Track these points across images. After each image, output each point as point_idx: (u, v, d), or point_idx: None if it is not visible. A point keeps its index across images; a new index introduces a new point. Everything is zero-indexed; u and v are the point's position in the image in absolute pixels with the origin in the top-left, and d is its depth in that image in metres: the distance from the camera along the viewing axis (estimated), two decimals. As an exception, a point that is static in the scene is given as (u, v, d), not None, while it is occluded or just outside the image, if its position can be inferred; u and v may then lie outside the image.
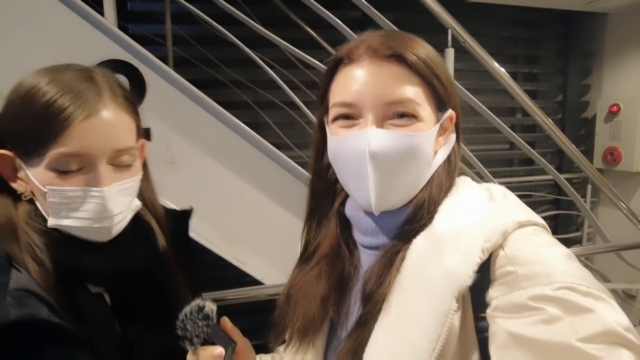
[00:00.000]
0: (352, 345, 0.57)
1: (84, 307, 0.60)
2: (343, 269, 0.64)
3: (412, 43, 0.57)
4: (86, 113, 0.55)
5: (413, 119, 0.55)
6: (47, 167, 0.56)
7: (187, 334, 0.55)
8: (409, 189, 0.58)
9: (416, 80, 0.55)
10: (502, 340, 0.48)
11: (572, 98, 3.07)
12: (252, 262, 1.27)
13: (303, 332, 0.64)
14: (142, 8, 2.26)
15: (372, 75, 0.55)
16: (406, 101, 0.54)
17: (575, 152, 1.77)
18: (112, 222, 0.60)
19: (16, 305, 0.51)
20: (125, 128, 0.60)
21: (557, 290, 0.46)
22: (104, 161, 0.58)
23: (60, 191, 0.56)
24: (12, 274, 0.55)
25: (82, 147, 0.55)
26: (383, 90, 0.54)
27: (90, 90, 0.57)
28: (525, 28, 2.98)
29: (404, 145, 0.54)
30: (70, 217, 0.58)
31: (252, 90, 2.36)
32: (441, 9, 1.39)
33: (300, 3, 1.39)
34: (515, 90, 1.59)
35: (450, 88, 0.60)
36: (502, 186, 0.61)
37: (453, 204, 0.58)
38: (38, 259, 0.57)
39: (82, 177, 0.57)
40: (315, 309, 0.63)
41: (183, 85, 1.21)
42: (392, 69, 0.55)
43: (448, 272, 0.51)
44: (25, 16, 1.10)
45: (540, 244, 0.51)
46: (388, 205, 0.58)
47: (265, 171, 1.29)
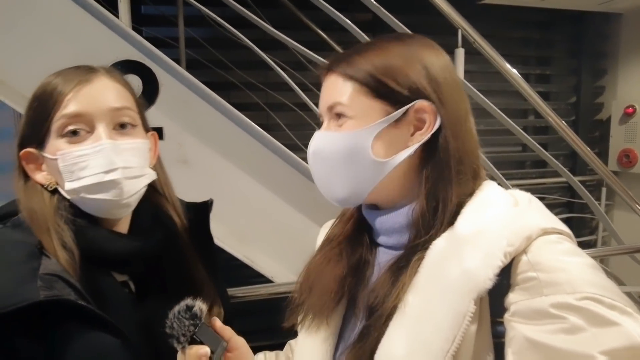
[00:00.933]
0: (358, 352, 0.57)
1: (109, 293, 0.64)
2: (362, 254, 0.66)
3: (359, 48, 0.62)
4: (79, 79, 0.63)
5: (344, 118, 0.60)
6: (56, 135, 0.62)
7: (174, 333, 0.56)
8: (353, 184, 0.61)
9: (348, 83, 0.59)
10: (520, 345, 0.47)
11: (586, 99, 3.03)
12: (262, 261, 1.28)
13: (319, 309, 0.65)
14: (156, 11, 2.30)
15: (322, 88, 0.64)
16: (335, 104, 0.60)
17: (590, 155, 1.75)
18: (121, 174, 0.63)
19: (45, 287, 0.55)
20: (121, 92, 0.67)
21: (581, 301, 0.45)
22: (103, 121, 0.63)
23: (69, 153, 0.62)
24: (42, 260, 0.59)
25: (78, 107, 0.62)
26: (323, 98, 0.63)
27: (82, 69, 0.66)
28: (537, 29, 2.95)
29: (328, 143, 0.61)
30: (82, 176, 0.62)
31: (263, 92, 2.38)
32: (451, 10, 1.39)
33: (311, 5, 1.40)
34: (527, 91, 1.57)
35: (405, 81, 0.57)
36: (528, 193, 0.59)
37: (476, 207, 0.57)
38: (67, 247, 0.61)
39: (87, 140, 0.63)
40: (333, 285, 0.64)
41: (195, 86, 1.23)
42: (331, 79, 0.62)
43: (467, 273, 0.50)
44: (45, 19, 1.13)
45: (564, 252, 0.50)
46: (338, 199, 0.63)
47: (275, 171, 1.31)
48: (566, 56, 3.04)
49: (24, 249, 0.60)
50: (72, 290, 0.58)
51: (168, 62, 1.20)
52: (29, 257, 0.59)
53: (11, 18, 1.12)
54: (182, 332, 0.56)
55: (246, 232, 1.28)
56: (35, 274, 0.57)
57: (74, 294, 0.57)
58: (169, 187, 0.77)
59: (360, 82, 0.59)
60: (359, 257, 0.66)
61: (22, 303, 0.52)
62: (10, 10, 1.12)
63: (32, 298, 0.53)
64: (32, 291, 0.54)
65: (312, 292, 0.66)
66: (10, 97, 1.09)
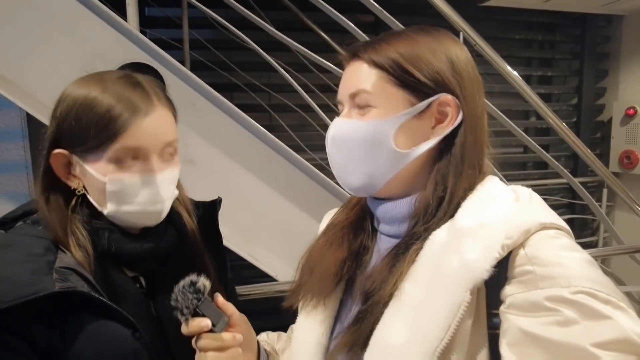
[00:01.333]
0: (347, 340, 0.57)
1: (121, 288, 0.66)
2: (362, 240, 0.67)
3: (387, 37, 0.61)
4: (142, 116, 0.64)
5: (369, 107, 0.59)
6: (108, 161, 0.63)
7: (178, 305, 0.59)
8: (372, 173, 0.61)
9: (375, 71, 0.59)
10: (514, 337, 0.48)
11: (588, 101, 3.04)
12: (266, 260, 1.30)
13: (318, 290, 0.66)
14: (160, 13, 2.32)
15: (345, 74, 0.63)
16: (359, 92, 0.60)
17: (590, 156, 1.76)
18: (164, 206, 0.68)
19: (60, 279, 0.58)
20: (171, 123, 0.69)
21: (576, 294, 0.46)
22: (155, 153, 0.66)
23: (119, 179, 0.64)
24: (58, 254, 0.62)
25: (139, 143, 0.64)
26: (345, 85, 0.62)
27: (141, 97, 0.65)
28: (539, 31, 2.96)
29: (350, 131, 0.61)
30: (128, 202, 0.65)
31: (266, 93, 2.40)
32: (452, 12, 1.40)
33: (313, 7, 1.42)
34: (527, 93, 1.59)
35: (431, 73, 0.58)
36: (529, 188, 0.60)
37: (477, 200, 0.58)
38: (82, 245, 0.64)
39: (137, 167, 0.65)
40: (332, 268, 0.65)
41: (201, 87, 1.25)
42: (355, 65, 0.61)
43: (465, 263, 0.51)
44: (55, 21, 1.15)
45: (562, 247, 0.51)
46: (353, 187, 0.64)
47: (280, 171, 1.32)
48: (568, 58, 3.05)
49: (42, 243, 0.63)
50: (85, 283, 0.60)
51: (175, 64, 1.22)
52: (46, 251, 0.62)
53: (21, 20, 1.14)
54: (186, 304, 0.59)
55: (251, 231, 1.30)
56: (51, 267, 0.59)
57: (88, 286, 0.60)
58: (181, 187, 0.79)
59: (386, 70, 0.58)
60: (360, 243, 0.67)
61: (39, 293, 0.55)
62: (20, 12, 1.14)
63: (48, 289, 0.55)
64: (48, 283, 0.56)
65: (312, 274, 0.67)
66: (20, 97, 1.11)
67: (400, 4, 2.45)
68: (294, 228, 1.32)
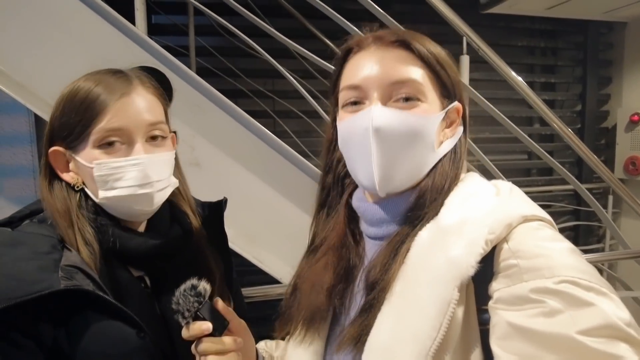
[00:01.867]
0: (354, 332, 0.57)
1: (126, 287, 0.66)
2: (349, 259, 0.65)
3: (418, 35, 0.61)
4: (119, 93, 0.64)
5: (417, 101, 0.57)
6: (93, 145, 0.64)
7: (180, 308, 0.59)
8: (411, 170, 0.60)
9: (420, 64, 0.58)
10: (503, 331, 0.48)
11: (591, 107, 3.04)
12: (271, 262, 1.30)
13: (309, 321, 0.65)
14: (167, 21, 2.35)
15: (378, 59, 0.58)
16: (409, 81, 0.57)
17: (597, 162, 1.76)
18: (153, 188, 0.66)
19: (66, 277, 0.58)
20: (155, 105, 0.69)
21: (559, 284, 0.46)
22: (140, 135, 0.65)
23: (105, 163, 0.64)
24: (64, 252, 0.63)
25: (119, 122, 0.64)
26: (388, 71, 0.57)
27: (120, 79, 0.67)
28: (541, 38, 2.98)
29: (407, 124, 0.57)
30: (116, 187, 0.65)
31: (270, 99, 2.42)
32: (456, 18, 1.42)
33: (316, 15, 1.43)
34: (532, 99, 1.59)
35: (456, 79, 0.62)
36: (509, 182, 0.61)
37: (460, 197, 0.59)
38: (88, 243, 0.64)
39: (122, 151, 0.65)
40: (322, 299, 0.64)
41: (207, 90, 1.26)
42: (398, 52, 0.58)
43: (451, 261, 0.51)
44: (65, 26, 1.17)
45: (544, 238, 0.51)
46: (392, 186, 0.59)
47: (284, 174, 1.33)
48: (571, 64, 3.06)
49: (48, 241, 0.63)
50: (91, 281, 0.61)
51: (182, 68, 1.23)
52: (52, 249, 0.62)
53: (32, 25, 1.16)
54: (187, 307, 0.59)
55: (255, 234, 1.30)
56: (57, 265, 0.60)
57: (93, 285, 0.60)
58: (186, 186, 0.80)
59: (431, 65, 0.58)
60: (344, 264, 0.65)
61: (45, 291, 0.55)
62: (31, 17, 1.16)
63: (54, 287, 0.56)
64: (53, 281, 0.57)
65: (301, 306, 0.66)
66: (31, 101, 1.12)
67: (404, 11, 2.47)
68: (298, 231, 1.31)
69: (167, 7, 2.32)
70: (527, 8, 2.57)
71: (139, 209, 0.68)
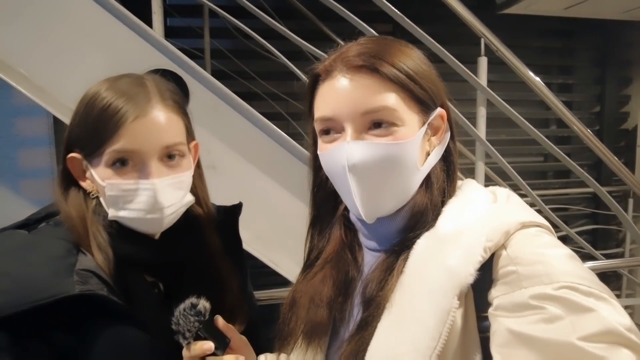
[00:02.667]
0: (354, 347, 0.56)
1: (139, 292, 0.66)
2: (347, 271, 0.64)
3: (386, 49, 0.56)
4: (136, 114, 0.61)
5: (392, 126, 0.54)
6: (106, 164, 0.62)
7: (180, 329, 0.58)
8: (397, 195, 0.58)
9: (392, 87, 0.54)
10: (503, 338, 0.48)
11: (610, 109, 2.98)
12: (286, 265, 1.30)
13: (310, 335, 0.63)
14: (182, 23, 2.37)
15: (347, 88, 0.55)
16: (382, 109, 0.54)
17: (617, 164, 1.72)
18: (163, 214, 0.64)
19: (80, 282, 0.58)
20: (173, 126, 0.66)
21: (558, 290, 0.46)
22: (154, 157, 0.63)
23: (117, 185, 0.62)
24: (79, 257, 0.62)
25: (133, 144, 0.61)
26: (357, 101, 0.54)
27: (140, 93, 0.64)
28: (558, 38, 2.93)
29: (383, 155, 0.54)
30: (126, 208, 0.63)
31: (284, 101, 2.42)
32: (474, 18, 1.40)
33: (330, 16, 1.43)
34: (550, 100, 1.56)
35: (435, 88, 0.58)
36: (507, 189, 0.61)
37: (457, 206, 0.58)
38: (102, 248, 0.63)
39: (135, 172, 0.63)
40: (322, 312, 0.62)
41: (224, 93, 1.27)
42: (365, 79, 0.54)
43: (449, 270, 0.51)
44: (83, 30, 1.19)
45: (543, 245, 0.51)
46: (379, 213, 0.58)
47: (300, 177, 1.32)
48: (589, 65, 3.01)
49: (63, 246, 0.63)
50: (105, 286, 0.60)
51: (198, 71, 1.24)
52: (67, 253, 0.62)
53: (52, 29, 1.18)
54: (188, 328, 0.58)
55: (271, 237, 1.30)
56: (72, 269, 0.59)
57: (107, 290, 0.60)
58: (206, 194, 0.78)
59: (404, 86, 0.55)
60: (342, 277, 0.64)
61: (60, 295, 0.55)
62: (51, 22, 1.18)
63: (68, 291, 0.56)
64: (68, 285, 0.57)
65: (300, 320, 0.65)
66: (52, 105, 1.14)
67: (419, 12, 2.46)
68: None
69: (182, 10, 2.34)
70: (543, 8, 2.53)
71: (146, 230, 0.67)
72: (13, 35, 1.16)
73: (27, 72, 1.16)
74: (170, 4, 2.32)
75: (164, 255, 0.69)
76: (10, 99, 1.67)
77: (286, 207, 1.32)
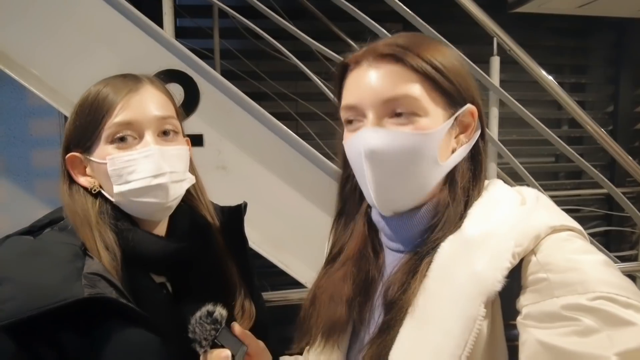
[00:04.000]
0: (375, 350, 0.56)
1: (148, 294, 0.66)
2: (368, 270, 0.63)
3: (416, 42, 0.56)
4: (127, 89, 0.66)
5: (414, 116, 0.54)
6: (105, 141, 0.65)
7: (197, 337, 0.58)
8: (413, 188, 0.57)
9: (416, 77, 0.54)
10: (533, 349, 0.46)
11: (625, 109, 2.93)
12: (296, 266, 1.30)
13: (329, 333, 0.63)
14: (192, 24, 2.38)
15: (371, 76, 0.55)
16: (403, 97, 0.54)
17: (633, 164, 1.69)
18: (168, 178, 0.66)
19: (89, 285, 0.58)
20: (164, 102, 0.69)
21: (594, 301, 0.44)
22: (150, 129, 0.66)
23: (118, 157, 0.65)
24: (86, 260, 0.62)
25: (128, 115, 0.65)
26: (380, 89, 0.54)
27: (129, 78, 0.69)
28: (571, 37, 2.89)
29: (402, 144, 0.54)
30: (131, 180, 0.65)
31: (293, 101, 2.42)
32: (486, 17, 1.38)
33: (340, 16, 1.42)
34: (564, 100, 1.54)
35: (464, 83, 0.58)
36: (535, 189, 0.58)
37: (483, 207, 0.56)
38: (109, 248, 0.64)
39: (135, 145, 0.66)
40: (341, 310, 0.62)
41: (234, 94, 1.27)
42: (390, 68, 0.55)
43: (476, 276, 0.49)
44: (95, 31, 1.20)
45: (575, 251, 0.49)
46: (395, 206, 0.58)
47: (310, 178, 1.32)
48: (603, 64, 2.96)
49: (70, 250, 0.63)
50: (113, 289, 0.60)
51: (209, 72, 1.24)
52: (74, 257, 0.62)
53: (64, 31, 1.19)
54: (204, 336, 0.58)
55: (281, 238, 1.30)
56: (79, 273, 0.59)
57: (116, 292, 0.60)
58: (203, 191, 0.79)
59: (430, 77, 0.54)
60: (363, 276, 0.63)
61: (69, 299, 0.55)
62: (63, 24, 1.19)
63: (77, 295, 0.56)
64: (77, 289, 0.57)
65: (320, 317, 0.64)
66: (64, 105, 1.15)
67: (432, 11, 2.44)
68: (324, 235, 1.31)
69: (192, 10, 2.34)
70: (556, 7, 2.49)
71: (155, 202, 0.66)
72: (26, 38, 1.18)
73: (40, 73, 1.17)
74: (180, 4, 2.33)
75: (172, 252, 0.69)
76: (25, 101, 1.70)
77: (295, 207, 1.32)
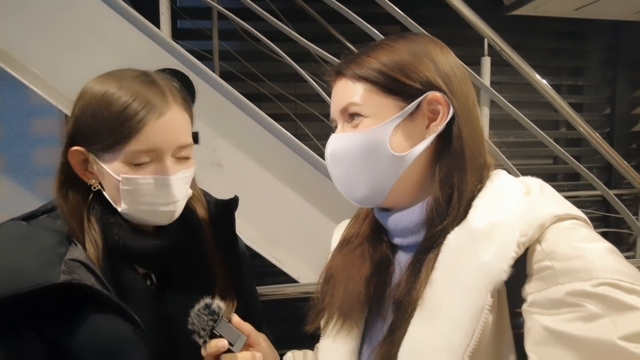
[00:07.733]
0: (385, 352, 0.57)
1: (130, 284, 0.67)
2: (383, 252, 0.65)
3: (368, 49, 0.62)
4: (157, 115, 0.63)
5: (359, 118, 0.60)
6: (123, 161, 0.64)
7: (195, 328, 0.61)
8: (371, 180, 0.61)
9: (358, 83, 0.60)
10: (538, 336, 0.47)
11: (622, 111, 2.94)
12: (289, 262, 1.32)
13: (347, 312, 0.64)
14: (192, 26, 2.41)
15: (334, 92, 0.64)
16: (349, 105, 0.61)
17: (627, 167, 1.70)
18: (176, 206, 0.68)
19: (67, 272, 0.59)
20: (186, 126, 0.69)
21: (598, 287, 0.44)
22: (169, 154, 0.66)
23: (134, 180, 0.64)
24: (70, 247, 0.63)
25: (154, 144, 0.64)
26: (336, 102, 0.63)
27: (156, 95, 0.65)
28: (569, 39, 2.90)
29: (351, 143, 0.61)
30: (140, 202, 0.65)
31: (292, 103, 2.44)
32: (477, 19, 1.40)
33: (338, 19, 1.44)
34: (557, 101, 1.56)
35: (415, 75, 0.58)
36: (539, 179, 0.59)
37: (488, 198, 0.56)
38: (94, 239, 0.65)
39: (150, 168, 0.65)
40: (360, 287, 0.63)
41: (230, 94, 1.29)
42: (340, 82, 0.63)
43: (483, 266, 0.50)
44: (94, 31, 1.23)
45: (580, 239, 0.49)
46: (359, 197, 0.63)
47: (304, 175, 1.34)
48: (600, 66, 2.97)
49: (57, 236, 0.64)
50: (93, 276, 0.61)
51: (205, 71, 1.27)
52: (58, 244, 0.63)
53: (63, 30, 1.22)
54: (202, 327, 0.61)
55: (275, 234, 1.32)
56: (61, 259, 0.60)
57: (95, 280, 0.61)
58: (196, 187, 0.79)
59: (371, 81, 0.59)
60: (380, 255, 0.65)
61: (42, 284, 0.56)
62: (62, 23, 1.21)
63: (52, 280, 0.57)
64: (54, 275, 0.58)
65: (336, 295, 0.65)
66: (63, 103, 1.18)
67: (426, 14, 2.46)
68: (316, 232, 1.33)
69: (192, 13, 2.38)
70: (553, 10, 2.51)
71: (157, 222, 0.69)
72: (25, 36, 1.20)
73: (40, 72, 1.19)
74: (180, 6, 2.36)
75: (155, 249, 0.69)
76: (27, 100, 1.73)
77: (290, 205, 1.34)
